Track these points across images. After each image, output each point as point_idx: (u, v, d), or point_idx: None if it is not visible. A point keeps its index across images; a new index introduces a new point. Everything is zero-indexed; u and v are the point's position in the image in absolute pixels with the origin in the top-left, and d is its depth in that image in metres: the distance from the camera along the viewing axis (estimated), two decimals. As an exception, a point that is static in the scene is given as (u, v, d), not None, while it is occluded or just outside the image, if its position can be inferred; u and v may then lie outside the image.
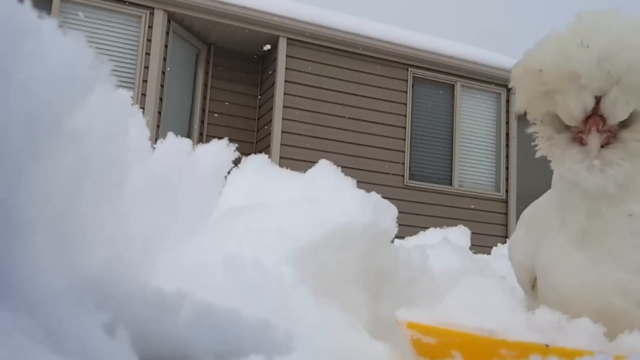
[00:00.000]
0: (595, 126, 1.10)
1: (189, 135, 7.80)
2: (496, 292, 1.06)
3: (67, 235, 0.54)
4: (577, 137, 1.14)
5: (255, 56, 8.49)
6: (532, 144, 1.21)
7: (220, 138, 1.15)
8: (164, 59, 7.39)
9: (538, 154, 1.22)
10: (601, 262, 1.15)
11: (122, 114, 0.63)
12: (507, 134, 8.99)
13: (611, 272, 1.13)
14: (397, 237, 1.46)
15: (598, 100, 1.10)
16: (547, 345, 0.89)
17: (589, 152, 1.11)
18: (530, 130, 1.23)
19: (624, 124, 1.12)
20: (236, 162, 1.21)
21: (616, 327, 1.02)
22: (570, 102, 1.11)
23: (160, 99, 7.32)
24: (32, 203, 0.49)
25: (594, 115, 1.10)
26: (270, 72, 8.17)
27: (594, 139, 1.10)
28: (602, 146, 1.11)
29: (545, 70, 1.12)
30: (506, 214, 8.80)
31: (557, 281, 1.21)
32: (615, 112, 1.10)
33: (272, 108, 7.87)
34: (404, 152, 8.35)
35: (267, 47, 7.94)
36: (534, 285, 1.30)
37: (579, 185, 1.15)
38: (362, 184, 1.41)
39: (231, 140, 1.12)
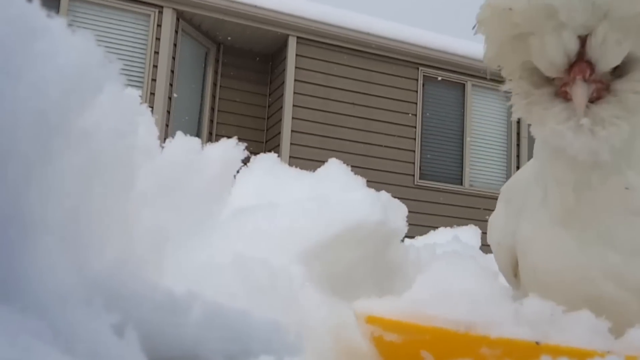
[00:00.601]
0: (582, 74, 0.86)
1: (198, 134, 7.82)
2: (475, 276, 0.89)
3: (76, 235, 0.54)
4: (561, 92, 0.91)
5: (265, 55, 8.50)
6: (508, 103, 0.99)
7: (229, 137, 1.15)
8: (173, 58, 7.41)
9: (514, 116, 0.99)
10: (590, 242, 0.94)
11: (131, 113, 0.63)
12: (518, 134, 8.95)
13: (602, 255, 0.93)
14: (407, 236, 1.45)
15: (583, 41, 0.86)
16: (537, 343, 0.75)
17: (575, 108, 0.87)
18: (504, 87, 1.00)
19: (619, 73, 0.89)
20: (245, 161, 1.20)
21: (608, 318, 0.81)
22: (548, 46, 0.87)
23: (169, 98, 7.34)
24: (41, 203, 0.49)
25: (580, 61, 0.87)
26: (279, 71, 8.18)
27: (580, 91, 0.86)
28: (591, 101, 0.88)
29: (515, 8, 0.87)
30: (516, 213, 8.76)
31: (537, 262, 1.02)
32: (605, 55, 0.86)
33: (281, 107, 7.87)
34: (414, 151, 8.34)
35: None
36: (516, 273, 1.13)
37: (564, 152, 0.92)
38: (372, 183, 1.40)
39: (240, 139, 1.12)
